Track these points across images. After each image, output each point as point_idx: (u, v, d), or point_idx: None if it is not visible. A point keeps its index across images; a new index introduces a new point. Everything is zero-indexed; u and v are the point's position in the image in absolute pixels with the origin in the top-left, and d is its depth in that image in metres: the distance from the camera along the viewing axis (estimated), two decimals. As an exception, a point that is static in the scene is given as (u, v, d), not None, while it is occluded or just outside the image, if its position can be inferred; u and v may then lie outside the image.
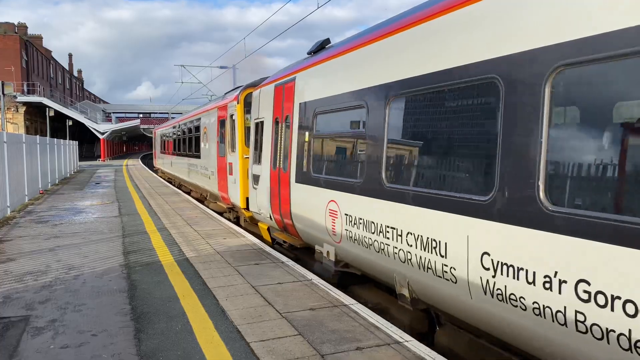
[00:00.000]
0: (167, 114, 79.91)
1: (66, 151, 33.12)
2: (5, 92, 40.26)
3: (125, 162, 60.03)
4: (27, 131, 55.41)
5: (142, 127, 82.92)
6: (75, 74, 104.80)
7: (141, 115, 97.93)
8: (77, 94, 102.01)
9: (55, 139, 27.62)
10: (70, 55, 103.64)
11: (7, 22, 69.86)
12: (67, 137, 55.01)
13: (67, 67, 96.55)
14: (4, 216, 13.93)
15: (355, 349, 4.91)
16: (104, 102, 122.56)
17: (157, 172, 37.77)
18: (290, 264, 8.42)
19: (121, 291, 6.91)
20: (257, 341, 5.12)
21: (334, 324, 5.59)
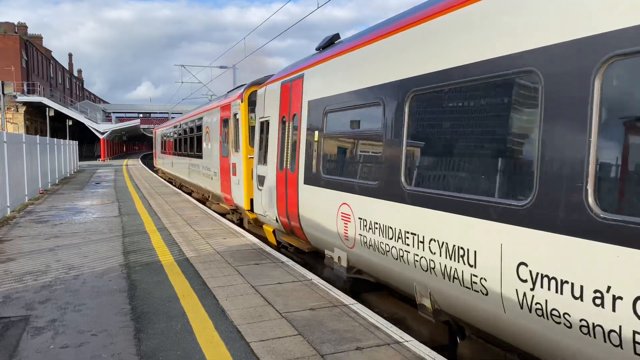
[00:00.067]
0: (167, 113, 79.94)
1: (66, 151, 33.12)
2: (5, 92, 40.29)
3: (125, 162, 60.04)
4: (27, 131, 55.42)
5: (142, 127, 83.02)
6: (75, 73, 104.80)
7: (141, 115, 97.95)
8: (77, 93, 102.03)
9: (55, 139, 27.62)
10: (70, 55, 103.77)
11: (7, 22, 69.83)
12: (67, 137, 55.01)
13: (67, 67, 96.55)
14: (3, 216, 13.93)
15: (355, 349, 4.91)
16: (104, 102, 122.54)
17: (157, 173, 37.63)
18: (290, 264, 8.42)
19: (121, 291, 6.92)
20: (257, 341, 5.12)
21: (334, 323, 5.59)
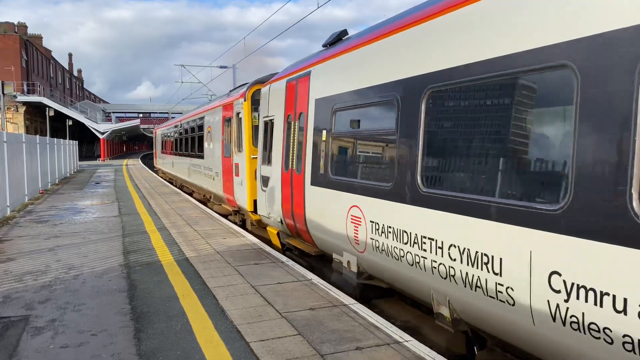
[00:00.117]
0: (167, 113, 79.95)
1: (66, 151, 33.13)
2: (5, 92, 40.30)
3: (125, 161, 60.05)
4: (27, 131, 55.42)
5: (142, 127, 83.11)
6: (75, 73, 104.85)
7: (141, 115, 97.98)
8: (77, 93, 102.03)
9: (55, 139, 27.63)
10: (70, 55, 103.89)
11: (7, 22, 69.81)
12: (67, 137, 55.03)
13: (67, 67, 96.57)
14: (3, 216, 13.93)
15: (355, 349, 4.91)
16: (104, 101, 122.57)
17: (157, 173, 37.56)
18: (290, 263, 8.42)
19: (121, 291, 6.92)
20: (257, 341, 5.12)
21: (334, 323, 5.59)
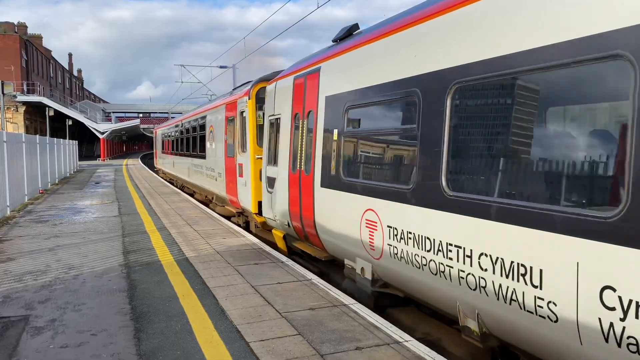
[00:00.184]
0: (167, 113, 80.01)
1: (66, 151, 33.13)
2: (5, 92, 40.32)
3: (125, 161, 60.05)
4: (27, 131, 55.42)
5: (141, 126, 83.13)
6: (75, 73, 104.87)
7: (141, 115, 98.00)
8: (77, 93, 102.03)
9: (55, 139, 27.63)
10: (70, 55, 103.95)
11: (7, 22, 69.85)
12: (67, 137, 55.03)
13: (67, 66, 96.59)
14: (3, 216, 13.92)
15: (354, 349, 4.91)
16: (104, 101, 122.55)
17: (158, 173, 37.48)
18: (290, 263, 8.42)
19: (121, 291, 6.92)
20: (257, 341, 5.12)
21: (334, 323, 5.59)
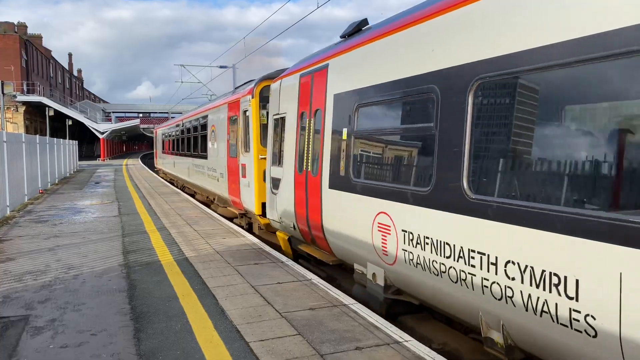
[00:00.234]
0: (167, 113, 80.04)
1: (66, 151, 33.13)
2: (5, 92, 40.33)
3: (125, 161, 60.05)
4: (27, 131, 55.41)
5: (141, 126, 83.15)
6: (75, 73, 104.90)
7: (141, 114, 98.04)
8: (77, 93, 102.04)
9: (55, 139, 27.63)
10: (70, 54, 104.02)
11: (6, 22, 69.90)
12: (67, 137, 55.02)
13: (66, 66, 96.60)
14: (3, 216, 13.92)
15: (354, 349, 4.91)
16: (104, 101, 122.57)
17: (158, 173, 37.39)
18: (290, 263, 8.42)
19: (121, 291, 6.91)
20: (257, 341, 5.12)
21: (334, 323, 5.59)
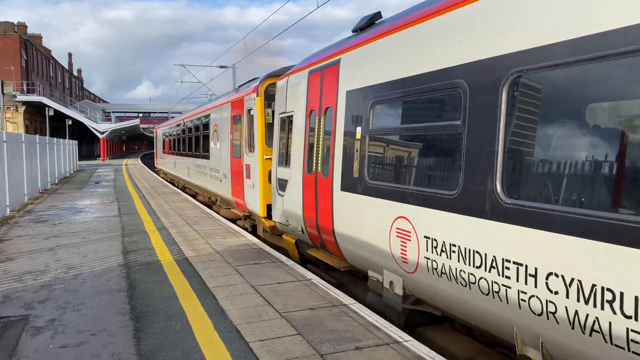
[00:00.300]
0: (167, 113, 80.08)
1: (66, 150, 33.13)
2: (4, 92, 40.35)
3: (124, 161, 60.05)
4: (27, 130, 55.41)
5: (141, 126, 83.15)
6: (75, 73, 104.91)
7: (141, 114, 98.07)
8: (77, 93, 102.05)
9: (54, 139, 27.64)
10: (70, 54, 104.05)
11: (6, 22, 69.93)
12: (67, 137, 55.03)
13: (66, 66, 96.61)
14: (3, 215, 13.92)
15: (354, 349, 4.91)
16: (104, 101, 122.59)
17: (158, 174, 37.30)
18: (289, 263, 8.42)
19: (120, 291, 6.91)
20: (257, 341, 5.12)
21: (334, 323, 5.59)
